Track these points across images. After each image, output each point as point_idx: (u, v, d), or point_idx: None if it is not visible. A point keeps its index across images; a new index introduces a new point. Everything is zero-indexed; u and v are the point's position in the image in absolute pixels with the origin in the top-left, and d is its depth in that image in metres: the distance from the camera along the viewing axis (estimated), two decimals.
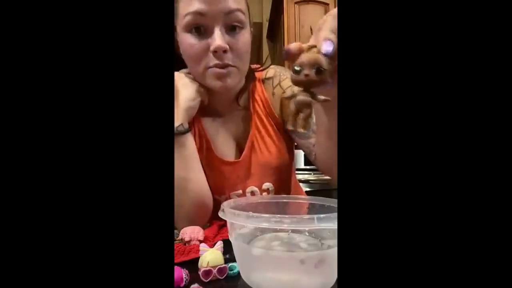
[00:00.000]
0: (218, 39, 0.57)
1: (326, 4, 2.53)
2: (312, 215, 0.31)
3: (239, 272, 0.39)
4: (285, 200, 0.46)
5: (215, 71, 0.60)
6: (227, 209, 0.36)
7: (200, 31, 0.59)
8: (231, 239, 0.38)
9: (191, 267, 0.39)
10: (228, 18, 0.58)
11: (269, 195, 0.70)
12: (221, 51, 0.58)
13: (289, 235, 0.40)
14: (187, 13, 0.58)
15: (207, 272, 0.38)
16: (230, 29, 0.60)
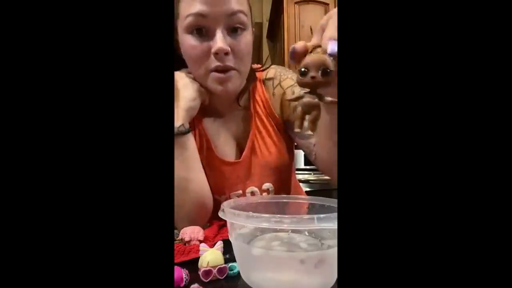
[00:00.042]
0: (220, 41, 0.57)
1: (326, 4, 2.53)
2: (312, 215, 0.31)
3: (239, 272, 0.39)
4: (285, 200, 0.46)
5: (216, 76, 0.59)
6: (227, 209, 0.36)
7: (202, 33, 0.58)
8: (231, 239, 0.38)
9: (191, 267, 0.39)
10: (230, 20, 0.58)
11: (269, 195, 0.70)
12: (223, 53, 0.57)
13: (289, 235, 0.40)
14: (189, 14, 0.57)
15: (207, 272, 0.38)
16: (232, 31, 0.59)
